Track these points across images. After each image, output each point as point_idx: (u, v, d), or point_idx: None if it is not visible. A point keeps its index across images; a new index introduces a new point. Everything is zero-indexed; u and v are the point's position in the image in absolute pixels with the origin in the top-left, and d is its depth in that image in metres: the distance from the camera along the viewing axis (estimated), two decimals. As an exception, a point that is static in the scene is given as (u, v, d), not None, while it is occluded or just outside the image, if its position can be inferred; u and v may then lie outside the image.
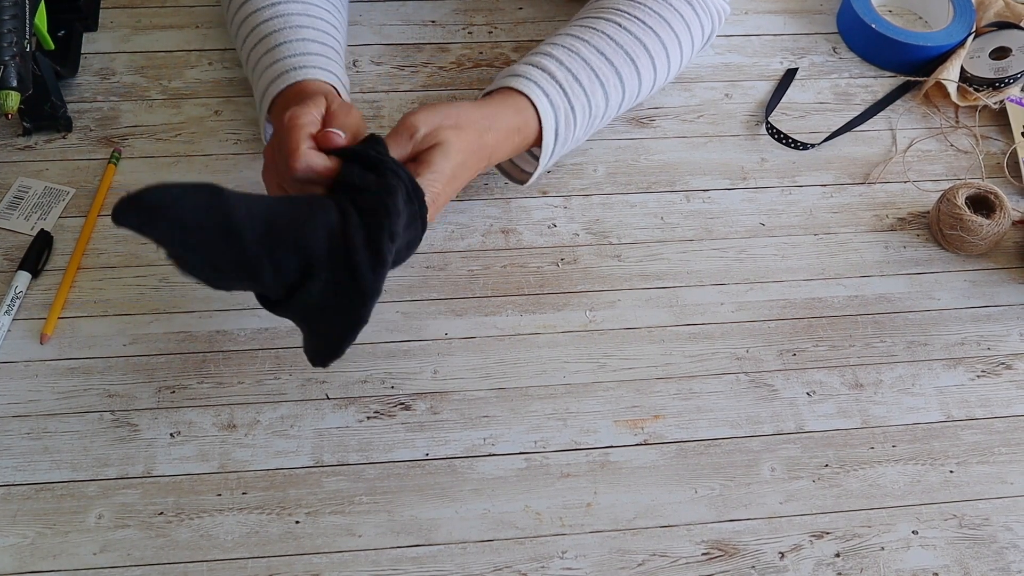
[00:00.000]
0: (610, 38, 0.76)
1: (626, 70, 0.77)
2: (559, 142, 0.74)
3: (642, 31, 0.78)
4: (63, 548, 0.62)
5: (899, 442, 0.70)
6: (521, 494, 0.66)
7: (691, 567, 0.63)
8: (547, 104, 0.72)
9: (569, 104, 0.73)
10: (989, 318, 0.77)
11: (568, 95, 0.73)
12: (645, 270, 0.77)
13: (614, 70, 0.76)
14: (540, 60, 0.74)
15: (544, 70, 0.73)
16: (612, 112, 0.78)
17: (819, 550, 0.65)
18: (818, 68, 0.92)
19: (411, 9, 0.94)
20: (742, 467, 0.68)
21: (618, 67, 0.76)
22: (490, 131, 0.69)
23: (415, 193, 0.62)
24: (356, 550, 0.63)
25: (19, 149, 0.81)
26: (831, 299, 0.77)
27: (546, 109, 0.72)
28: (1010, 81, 0.88)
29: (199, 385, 0.69)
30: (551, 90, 0.73)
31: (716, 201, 0.82)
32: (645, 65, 0.78)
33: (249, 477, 0.65)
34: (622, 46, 0.76)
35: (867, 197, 0.83)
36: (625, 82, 0.77)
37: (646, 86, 0.79)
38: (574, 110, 0.74)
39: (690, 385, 0.71)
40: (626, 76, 0.77)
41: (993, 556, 0.65)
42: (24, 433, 0.66)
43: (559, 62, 0.74)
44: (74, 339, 0.71)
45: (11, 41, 0.71)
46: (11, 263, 0.74)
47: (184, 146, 0.82)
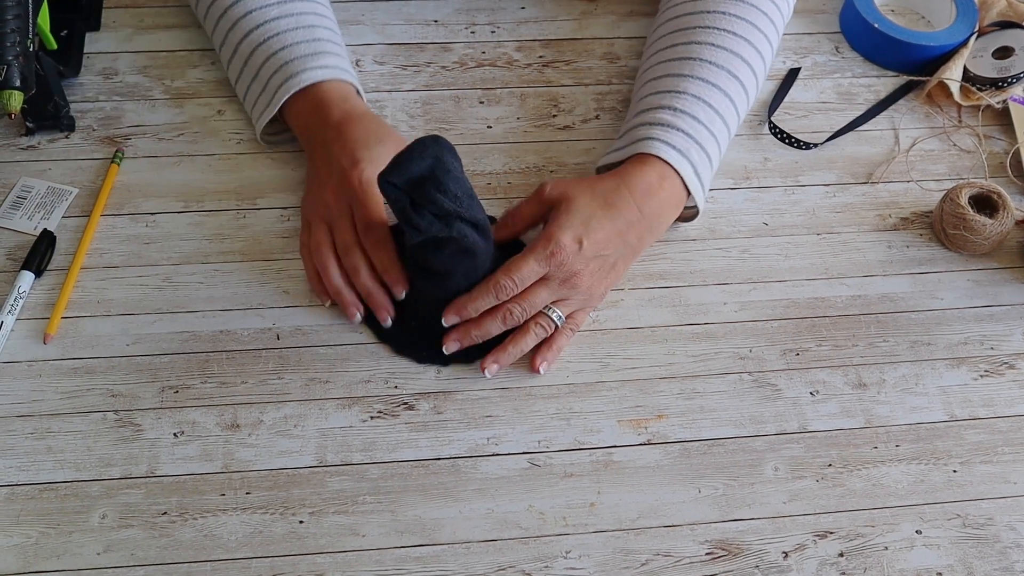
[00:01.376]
0: (709, 63, 0.76)
1: (733, 88, 0.77)
2: (704, 182, 0.75)
3: (736, 43, 0.77)
4: (67, 548, 0.62)
5: (902, 442, 0.70)
6: (525, 494, 0.66)
7: (695, 567, 0.63)
8: (681, 159, 0.73)
9: (698, 144, 0.74)
10: (992, 318, 0.77)
11: (696, 139, 0.74)
12: (648, 269, 0.77)
13: (723, 93, 0.76)
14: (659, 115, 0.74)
15: (667, 125, 0.74)
16: (733, 130, 0.78)
17: (823, 550, 0.65)
18: (821, 67, 0.92)
19: (414, 8, 0.94)
20: (745, 467, 0.68)
21: (725, 88, 0.76)
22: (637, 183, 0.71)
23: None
24: (360, 550, 0.63)
25: (22, 149, 0.81)
26: (834, 299, 0.77)
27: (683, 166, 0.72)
28: (1013, 80, 0.88)
29: (202, 385, 0.69)
30: (679, 142, 0.73)
31: (719, 200, 0.82)
32: (747, 75, 0.78)
33: (253, 477, 0.65)
34: (724, 67, 0.76)
35: (870, 197, 0.83)
36: (735, 100, 0.77)
37: (752, 96, 0.80)
38: (706, 151, 0.74)
39: (693, 385, 0.71)
40: (734, 94, 0.77)
41: (997, 556, 0.65)
42: (28, 433, 0.66)
43: (674, 110, 0.74)
44: (77, 339, 0.71)
45: (14, 41, 0.71)
46: (14, 263, 0.74)
47: (187, 146, 0.82)
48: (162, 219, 0.78)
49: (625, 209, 0.70)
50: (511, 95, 0.88)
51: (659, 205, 0.72)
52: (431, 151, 0.62)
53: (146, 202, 0.79)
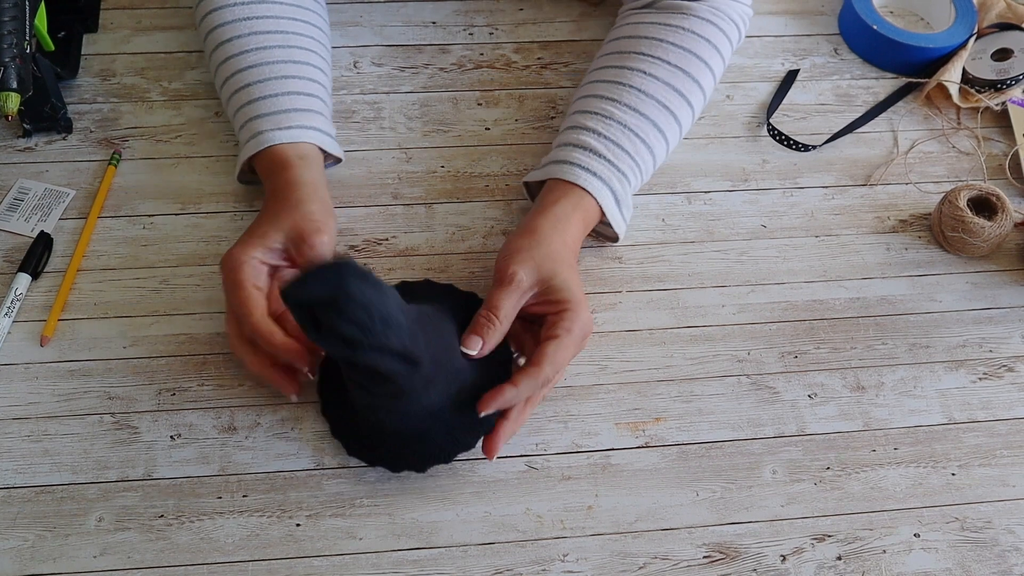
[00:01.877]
0: (640, 92, 0.75)
1: (662, 119, 0.76)
2: (624, 207, 0.74)
3: (670, 74, 0.77)
4: (63, 551, 0.62)
5: (901, 444, 0.70)
6: (522, 497, 0.66)
7: (692, 570, 0.63)
8: (599, 184, 0.72)
9: (620, 172, 0.73)
10: (991, 320, 0.76)
11: (616, 165, 0.73)
12: (646, 272, 0.77)
13: (653, 124, 0.75)
14: (580, 137, 0.74)
15: (586, 148, 0.73)
16: (660, 160, 0.78)
17: (821, 553, 0.64)
18: (819, 69, 0.92)
19: (412, 10, 0.94)
20: (743, 470, 0.68)
21: (656, 121, 0.75)
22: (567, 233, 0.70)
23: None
24: (357, 553, 0.63)
25: (19, 151, 0.81)
26: (832, 301, 0.77)
27: (601, 190, 0.72)
28: (1012, 83, 0.88)
29: (199, 387, 0.69)
30: (598, 167, 0.73)
31: (717, 203, 0.82)
32: (679, 106, 0.77)
33: (250, 480, 0.65)
34: (654, 96, 0.76)
35: (868, 199, 0.83)
36: (666, 132, 0.76)
37: (685, 126, 0.79)
38: (626, 176, 0.74)
39: (691, 387, 0.71)
40: (665, 126, 0.76)
41: (995, 559, 0.65)
42: (24, 435, 0.66)
43: (597, 134, 0.74)
44: (74, 341, 0.71)
45: (11, 43, 0.71)
46: (11, 265, 0.74)
47: (184, 147, 0.82)
48: (159, 221, 0.78)
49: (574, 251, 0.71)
50: (509, 97, 0.88)
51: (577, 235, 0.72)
52: (331, 280, 0.54)
53: (143, 204, 0.78)
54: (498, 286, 0.66)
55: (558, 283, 0.66)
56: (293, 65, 0.76)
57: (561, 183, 0.72)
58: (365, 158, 0.83)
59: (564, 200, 0.71)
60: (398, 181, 0.81)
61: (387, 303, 0.56)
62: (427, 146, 0.84)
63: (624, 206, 0.75)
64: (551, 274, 0.67)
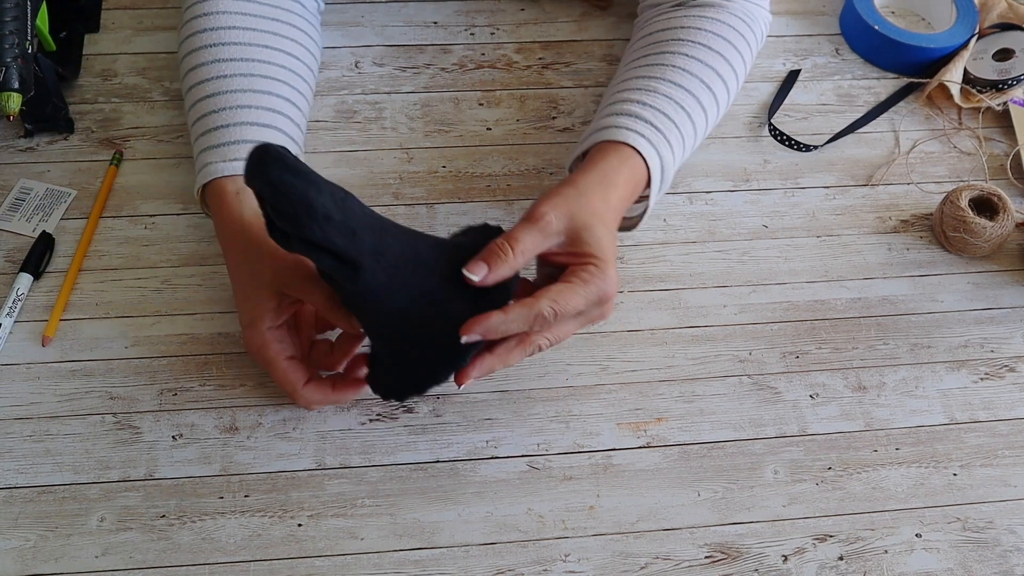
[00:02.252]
0: (682, 69, 0.75)
1: (705, 97, 0.75)
2: (665, 179, 0.72)
3: (710, 56, 0.76)
4: (65, 551, 0.62)
5: (902, 445, 0.70)
6: (524, 497, 0.66)
7: (694, 570, 0.63)
8: (649, 147, 0.69)
9: (667, 142, 0.71)
10: (992, 320, 0.76)
11: (664, 133, 0.71)
12: (648, 272, 0.77)
13: (695, 99, 0.74)
14: (627, 107, 0.72)
15: (635, 116, 0.71)
16: (701, 138, 0.76)
17: (822, 553, 0.64)
18: (821, 69, 0.92)
19: (413, 10, 0.94)
20: (745, 470, 0.68)
21: (697, 95, 0.74)
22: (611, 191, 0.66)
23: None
24: (358, 553, 0.63)
25: (21, 151, 0.81)
26: (834, 301, 0.77)
27: (650, 153, 0.69)
28: (1013, 83, 0.88)
29: (201, 387, 0.69)
30: (648, 132, 0.70)
31: (719, 203, 0.82)
32: (720, 88, 0.76)
33: (251, 480, 0.65)
34: (696, 75, 0.75)
35: (870, 199, 0.83)
36: (706, 108, 0.75)
37: (723, 107, 0.78)
38: (672, 146, 0.71)
39: (693, 387, 0.71)
40: (706, 102, 0.75)
41: (997, 559, 0.65)
42: (26, 436, 0.66)
43: (644, 105, 0.72)
44: (76, 341, 0.71)
45: (13, 43, 0.71)
46: (13, 265, 0.74)
47: (186, 147, 0.82)
48: (161, 221, 0.78)
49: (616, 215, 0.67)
50: (511, 97, 0.88)
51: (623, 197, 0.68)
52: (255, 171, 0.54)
53: (145, 204, 0.78)
54: (523, 222, 0.62)
55: (589, 237, 0.62)
56: (254, 95, 0.72)
57: (608, 144, 0.68)
58: (366, 158, 0.83)
59: (612, 156, 0.67)
60: (399, 181, 0.81)
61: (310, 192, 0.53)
62: (428, 146, 0.84)
63: (666, 177, 0.71)
64: (584, 226, 0.62)
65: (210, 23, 0.75)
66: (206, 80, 0.73)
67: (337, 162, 0.82)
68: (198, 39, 0.75)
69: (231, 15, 0.75)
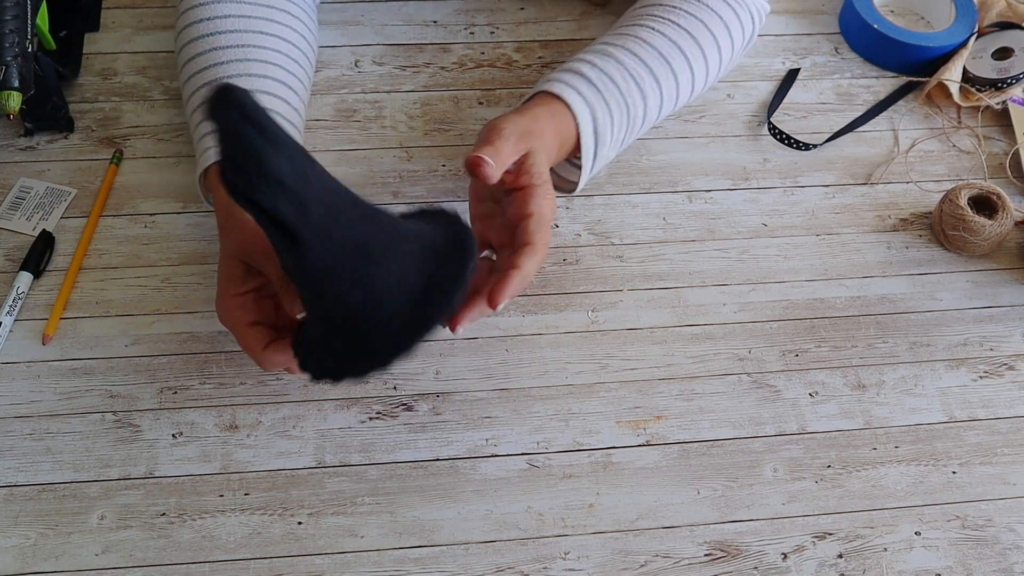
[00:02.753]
0: (644, 41, 0.76)
1: (662, 71, 0.75)
2: (600, 143, 0.72)
3: (677, 33, 0.77)
4: (65, 549, 0.62)
5: (902, 443, 0.70)
6: (523, 495, 0.66)
7: (693, 568, 0.63)
8: (581, 103, 0.71)
9: (605, 103, 0.72)
10: (991, 319, 0.77)
11: (603, 94, 0.72)
12: (647, 270, 0.77)
13: (649, 71, 0.75)
14: (574, 65, 0.73)
15: (577, 73, 0.72)
16: (652, 116, 0.77)
17: (822, 551, 0.64)
18: (820, 68, 0.92)
19: (413, 9, 0.94)
20: (744, 468, 0.68)
21: (653, 68, 0.75)
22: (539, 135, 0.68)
23: None
24: (358, 551, 0.63)
25: (21, 149, 0.81)
26: (833, 300, 0.77)
27: (581, 108, 0.70)
28: (1012, 81, 0.88)
29: (201, 386, 0.69)
30: (585, 89, 0.71)
31: (718, 201, 0.82)
32: (681, 67, 0.77)
33: (251, 478, 0.65)
34: (657, 48, 0.76)
35: (869, 198, 0.83)
36: (662, 83, 0.76)
37: (684, 89, 0.78)
38: (610, 109, 0.72)
39: (692, 386, 0.71)
40: (662, 77, 0.75)
41: (996, 557, 0.65)
42: (26, 434, 0.66)
43: (592, 64, 0.73)
44: (76, 340, 0.71)
45: (13, 41, 0.71)
46: (13, 264, 0.74)
47: (186, 146, 0.82)
48: (161, 220, 0.78)
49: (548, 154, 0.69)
50: (510, 96, 0.88)
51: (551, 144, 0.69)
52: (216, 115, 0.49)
53: (145, 203, 0.79)
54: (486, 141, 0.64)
55: (536, 160, 0.65)
56: (249, 79, 0.72)
57: (542, 95, 0.71)
58: (366, 157, 0.83)
59: (541, 107, 0.70)
60: (399, 180, 0.82)
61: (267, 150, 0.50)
62: (428, 145, 0.84)
63: (600, 143, 0.72)
64: (533, 149, 0.66)
65: (205, 13, 0.75)
66: (203, 69, 0.73)
67: (337, 161, 0.82)
68: (194, 29, 0.75)
69: (226, 4, 0.76)
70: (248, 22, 0.75)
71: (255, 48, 0.74)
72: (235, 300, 0.64)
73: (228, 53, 0.73)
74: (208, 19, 0.75)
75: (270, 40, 0.76)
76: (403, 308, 0.57)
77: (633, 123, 0.75)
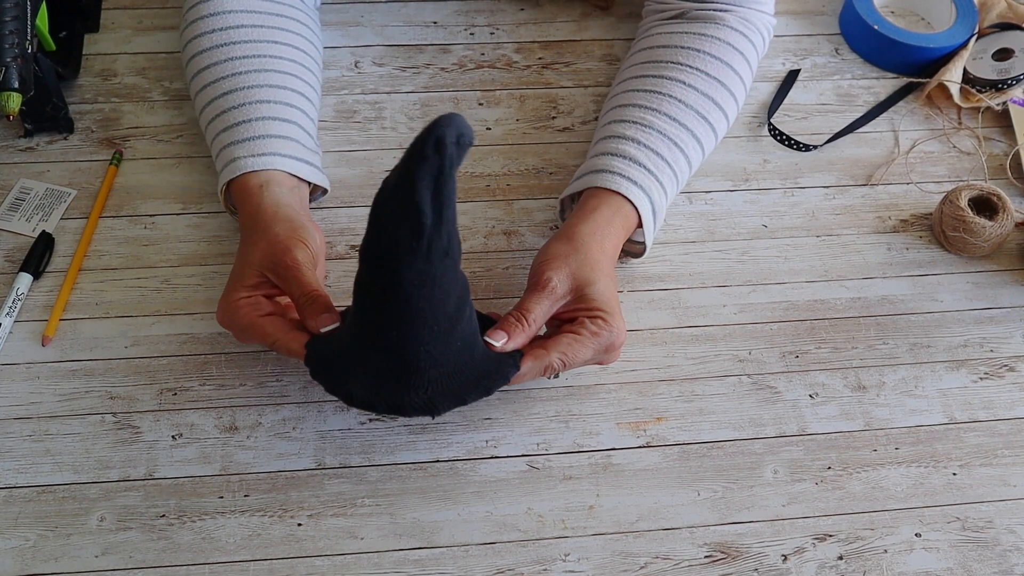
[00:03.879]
0: (679, 101, 0.75)
1: (700, 129, 0.76)
2: (657, 219, 0.73)
3: (707, 85, 0.77)
4: (65, 550, 0.62)
5: (902, 444, 0.70)
6: (523, 496, 0.66)
7: (693, 569, 0.63)
8: (639, 192, 0.71)
9: (659, 184, 0.73)
10: (992, 320, 0.76)
11: (656, 175, 0.73)
12: (647, 271, 0.77)
13: (691, 134, 0.75)
14: (619, 147, 0.73)
15: (626, 158, 0.73)
16: (695, 169, 0.78)
17: (822, 553, 0.64)
18: (820, 69, 0.92)
19: (413, 10, 0.94)
20: (745, 469, 0.68)
21: (694, 130, 0.75)
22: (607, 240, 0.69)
23: None
24: (358, 553, 0.63)
25: (20, 150, 0.81)
26: (833, 301, 0.77)
27: (641, 199, 0.71)
28: (1013, 82, 0.88)
29: (201, 387, 0.69)
30: (638, 175, 0.72)
31: (718, 202, 0.82)
32: (717, 118, 0.77)
33: (251, 479, 0.65)
34: (692, 107, 0.75)
35: (869, 199, 0.83)
36: (702, 140, 0.76)
37: (721, 134, 0.79)
38: (664, 187, 0.73)
39: (692, 387, 0.71)
40: (702, 135, 0.76)
41: (996, 559, 0.65)
42: (26, 435, 0.66)
43: (638, 144, 0.73)
44: (75, 341, 0.71)
45: (13, 43, 0.71)
46: (12, 265, 0.74)
47: (185, 147, 0.82)
48: (161, 221, 0.78)
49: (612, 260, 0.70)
50: (510, 97, 0.88)
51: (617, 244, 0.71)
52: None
53: (145, 204, 0.78)
54: (532, 291, 0.66)
55: (592, 292, 0.65)
56: (269, 90, 0.74)
57: (601, 191, 0.71)
58: (366, 158, 0.83)
59: (604, 207, 0.70)
60: (399, 181, 0.81)
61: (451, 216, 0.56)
62: (428, 146, 0.84)
63: (658, 218, 0.74)
64: (586, 282, 0.66)
65: (217, 23, 0.76)
66: (221, 78, 0.74)
67: (337, 162, 0.82)
68: (207, 40, 0.76)
69: (237, 14, 0.76)
70: (261, 32, 0.77)
71: (271, 59, 0.76)
72: (246, 300, 0.64)
73: (247, 63, 0.75)
74: (221, 29, 0.76)
75: (284, 50, 0.77)
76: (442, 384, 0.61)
77: (680, 186, 0.76)
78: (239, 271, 0.66)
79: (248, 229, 0.68)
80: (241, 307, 0.64)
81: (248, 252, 0.66)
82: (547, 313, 0.65)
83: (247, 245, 0.67)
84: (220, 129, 0.73)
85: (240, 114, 0.72)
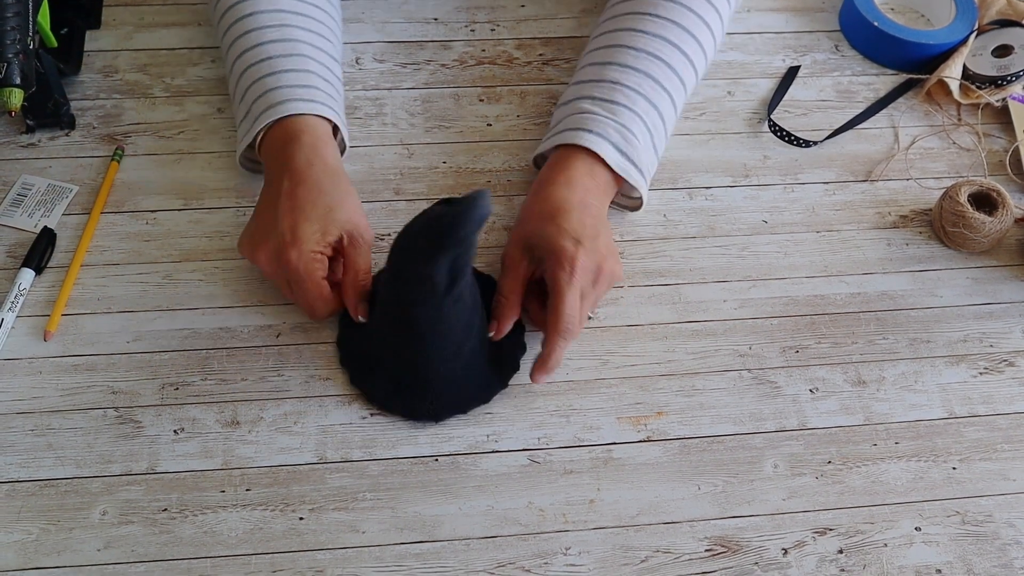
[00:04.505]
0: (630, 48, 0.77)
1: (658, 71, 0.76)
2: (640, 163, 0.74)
3: (659, 26, 0.77)
4: (67, 544, 0.62)
5: (902, 439, 0.70)
6: (524, 491, 0.66)
7: (694, 563, 0.63)
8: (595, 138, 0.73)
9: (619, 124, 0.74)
10: (991, 315, 0.77)
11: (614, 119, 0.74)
12: (648, 267, 0.77)
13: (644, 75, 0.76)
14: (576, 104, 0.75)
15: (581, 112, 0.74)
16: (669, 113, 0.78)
17: (822, 546, 0.65)
18: (820, 66, 0.93)
19: (413, 6, 0.94)
20: (745, 464, 0.68)
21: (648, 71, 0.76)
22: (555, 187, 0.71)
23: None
24: (360, 546, 0.63)
25: (22, 147, 0.81)
26: (833, 296, 0.77)
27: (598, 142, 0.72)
28: (1012, 79, 0.88)
29: (203, 382, 0.69)
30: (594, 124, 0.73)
31: (719, 198, 0.82)
32: (675, 57, 0.77)
33: (253, 474, 0.66)
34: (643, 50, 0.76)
35: (869, 195, 0.83)
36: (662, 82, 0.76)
37: (688, 78, 0.79)
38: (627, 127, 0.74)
39: (693, 382, 0.71)
40: (661, 76, 0.76)
41: (996, 552, 0.65)
42: (28, 430, 0.67)
43: (592, 99, 0.75)
44: (77, 336, 0.71)
45: (14, 39, 0.71)
46: (15, 260, 0.74)
47: (187, 143, 0.82)
48: (162, 216, 0.78)
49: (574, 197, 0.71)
50: (511, 93, 0.88)
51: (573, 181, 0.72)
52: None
53: (146, 199, 0.79)
54: (502, 271, 0.71)
55: (542, 241, 0.68)
56: (315, 49, 0.77)
57: (557, 150, 0.74)
58: (367, 154, 0.83)
59: (556, 163, 0.73)
60: (400, 177, 0.82)
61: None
62: (429, 142, 0.84)
63: (634, 159, 0.74)
64: (531, 235, 0.69)
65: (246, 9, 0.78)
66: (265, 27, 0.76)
67: (338, 158, 0.82)
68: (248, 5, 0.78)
69: None
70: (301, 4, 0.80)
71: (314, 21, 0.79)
72: (319, 256, 0.67)
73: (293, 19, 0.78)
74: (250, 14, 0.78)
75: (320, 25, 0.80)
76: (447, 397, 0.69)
77: (652, 129, 0.76)
78: (321, 224, 0.67)
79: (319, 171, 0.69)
80: (315, 260, 0.67)
81: (334, 207, 0.68)
82: (517, 284, 0.69)
83: (326, 195, 0.68)
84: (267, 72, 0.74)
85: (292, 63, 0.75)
